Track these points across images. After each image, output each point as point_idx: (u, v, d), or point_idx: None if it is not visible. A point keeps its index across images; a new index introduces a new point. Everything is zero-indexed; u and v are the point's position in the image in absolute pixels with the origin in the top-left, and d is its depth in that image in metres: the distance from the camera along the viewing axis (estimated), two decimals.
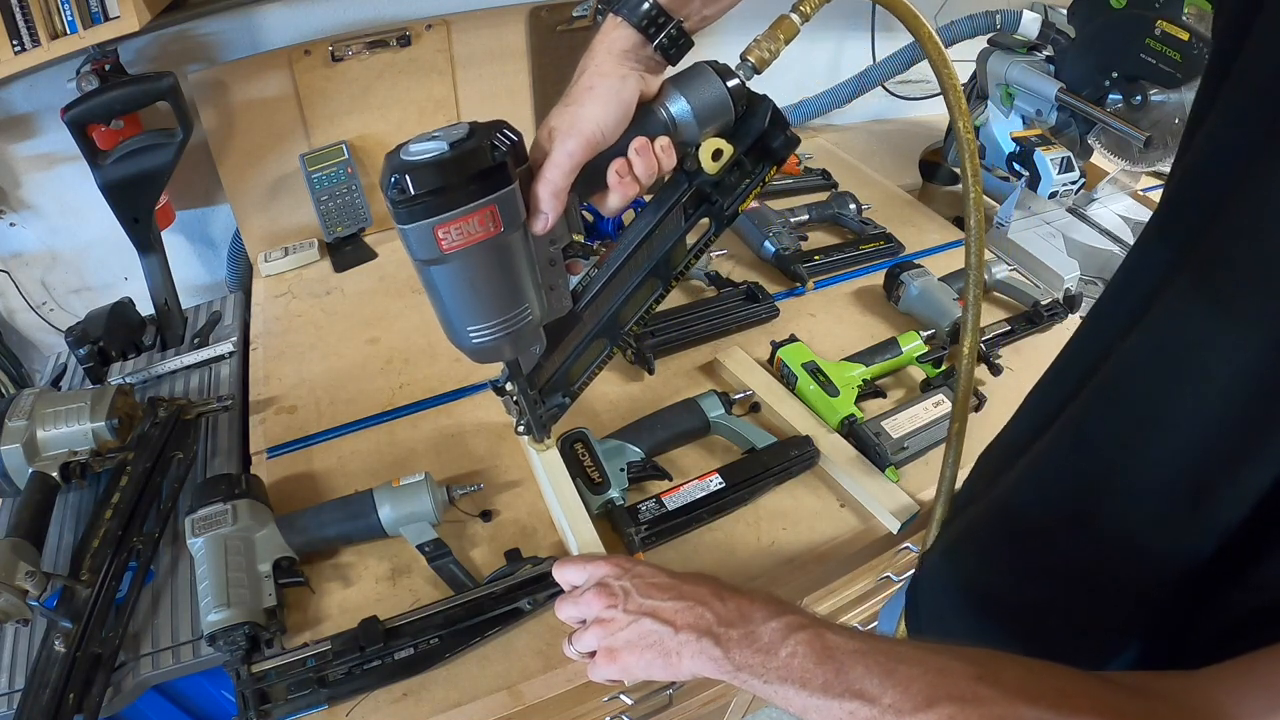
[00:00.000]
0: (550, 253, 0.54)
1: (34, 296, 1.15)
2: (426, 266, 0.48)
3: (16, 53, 0.80)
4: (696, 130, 0.53)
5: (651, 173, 0.52)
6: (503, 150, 0.46)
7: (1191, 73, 1.02)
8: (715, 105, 0.53)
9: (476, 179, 0.45)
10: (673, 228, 0.61)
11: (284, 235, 1.18)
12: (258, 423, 0.91)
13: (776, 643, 0.43)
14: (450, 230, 0.45)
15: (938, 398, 0.89)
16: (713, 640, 0.46)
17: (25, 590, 0.63)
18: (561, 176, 0.50)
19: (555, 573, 0.58)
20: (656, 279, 0.64)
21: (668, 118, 0.53)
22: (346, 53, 1.07)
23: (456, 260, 0.47)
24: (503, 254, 0.49)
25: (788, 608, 0.46)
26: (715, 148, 0.54)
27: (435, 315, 0.53)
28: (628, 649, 0.49)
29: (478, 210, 0.46)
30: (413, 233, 0.46)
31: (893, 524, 0.79)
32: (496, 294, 0.51)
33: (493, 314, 0.52)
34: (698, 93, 0.53)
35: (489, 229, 0.47)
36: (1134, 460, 0.42)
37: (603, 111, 0.50)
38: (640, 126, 0.52)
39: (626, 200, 0.53)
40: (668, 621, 0.48)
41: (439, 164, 0.44)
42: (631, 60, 0.51)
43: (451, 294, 0.50)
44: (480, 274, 0.49)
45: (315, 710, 0.63)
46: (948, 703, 0.36)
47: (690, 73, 0.53)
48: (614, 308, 0.63)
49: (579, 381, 0.68)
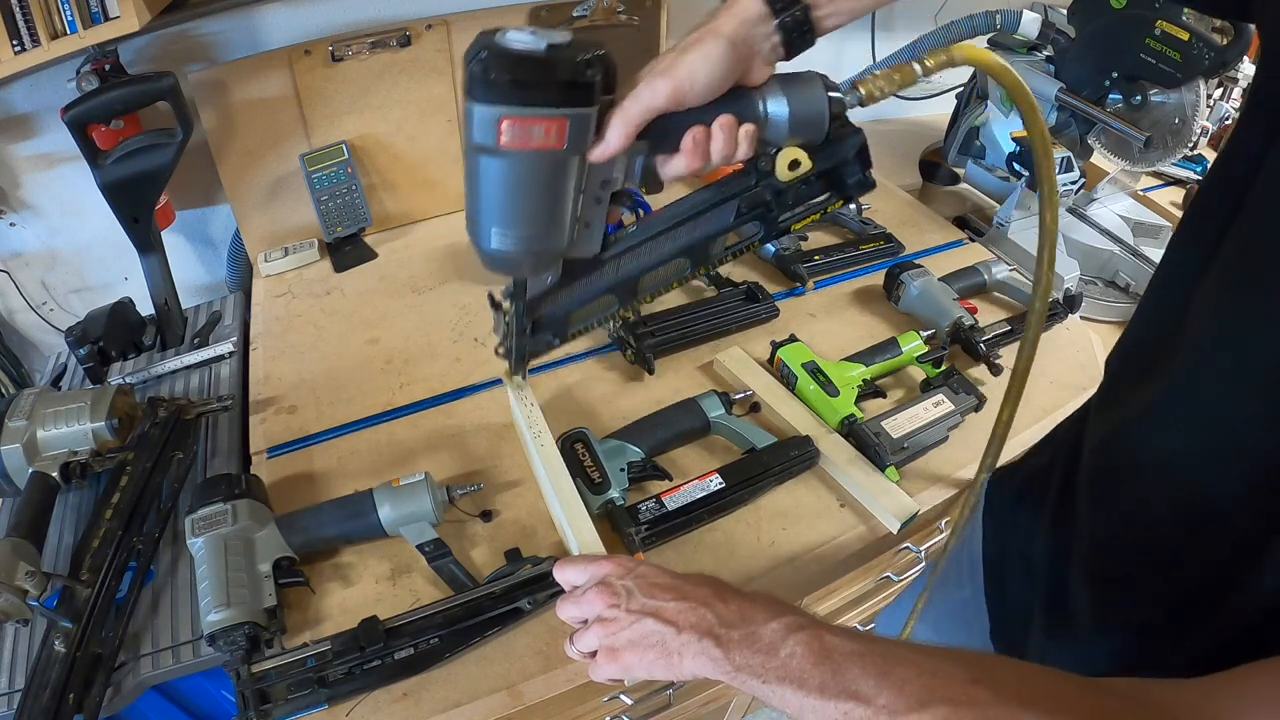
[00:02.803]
0: (599, 191, 0.52)
1: (34, 296, 1.15)
2: (477, 154, 0.46)
3: (16, 53, 0.80)
4: (784, 134, 0.52)
5: (726, 154, 0.51)
6: (594, 72, 0.44)
7: (1191, 73, 1.02)
8: (812, 116, 0.52)
9: (560, 88, 0.44)
10: (722, 217, 0.60)
11: (284, 235, 1.18)
12: (258, 423, 0.91)
13: (776, 643, 0.44)
14: (515, 126, 0.44)
15: (938, 398, 0.89)
16: (714, 641, 0.46)
17: (25, 590, 0.63)
18: (639, 111, 0.48)
19: (556, 573, 0.58)
20: (687, 260, 0.61)
21: (762, 109, 0.51)
22: (346, 53, 1.07)
23: (509, 159, 0.46)
24: (555, 171, 0.48)
25: (789, 609, 0.46)
26: (794, 157, 0.54)
27: (465, 203, 0.51)
28: (629, 648, 0.49)
29: (548, 119, 0.44)
30: (478, 114, 0.44)
31: (893, 524, 0.79)
32: (534, 208, 0.49)
33: (522, 225, 0.50)
34: (800, 98, 0.52)
35: (552, 141, 0.45)
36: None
37: (701, 65, 0.48)
38: (732, 105, 0.50)
39: (689, 170, 0.52)
40: (670, 622, 0.48)
41: (529, 58, 0.43)
42: (750, 31, 0.49)
43: (490, 189, 0.48)
44: (526, 182, 0.47)
45: (315, 710, 0.63)
46: (941, 704, 0.36)
47: (799, 76, 0.52)
48: (637, 270, 0.61)
49: (575, 328, 0.65)
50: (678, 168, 0.52)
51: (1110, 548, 0.51)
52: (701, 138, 0.50)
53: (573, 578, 0.57)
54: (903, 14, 1.49)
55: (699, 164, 0.51)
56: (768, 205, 0.58)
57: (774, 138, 0.53)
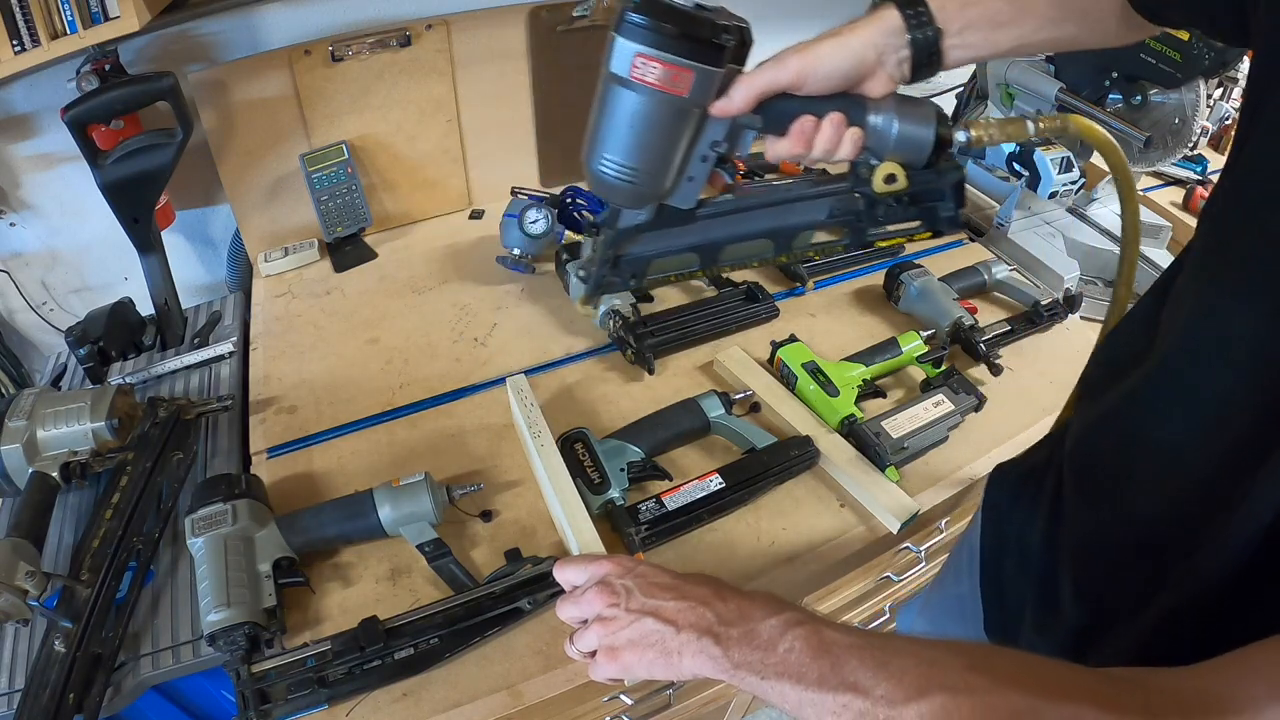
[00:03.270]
0: (707, 150, 0.55)
1: (34, 296, 1.15)
2: (610, 82, 0.51)
3: (16, 53, 0.80)
4: (887, 148, 0.55)
5: (828, 149, 0.54)
6: (729, 39, 0.50)
7: (1191, 73, 1.02)
8: (917, 140, 0.55)
9: (695, 42, 0.49)
10: (814, 212, 0.63)
11: (284, 235, 1.18)
12: (258, 423, 0.91)
13: (775, 639, 0.44)
14: (648, 64, 0.49)
15: (938, 398, 0.89)
16: (713, 639, 0.46)
17: (25, 590, 0.63)
18: (764, 82, 0.52)
19: (556, 573, 0.58)
20: (771, 242, 0.64)
21: (874, 120, 0.54)
22: (346, 53, 1.07)
23: (636, 92, 0.50)
24: (673, 115, 0.52)
25: (787, 606, 0.47)
26: (892, 171, 0.56)
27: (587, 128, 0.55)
28: (629, 648, 0.49)
29: (678, 65, 0.49)
30: (620, 46, 0.49)
31: (893, 524, 0.79)
32: (646, 143, 0.53)
33: (632, 157, 0.54)
34: (911, 120, 0.55)
35: (676, 87, 0.50)
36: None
37: (830, 55, 0.52)
38: (846, 105, 0.54)
39: (791, 154, 0.55)
40: (669, 621, 0.48)
41: (676, 9, 0.48)
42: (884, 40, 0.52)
43: (612, 116, 0.53)
44: (645, 117, 0.52)
45: (315, 710, 0.63)
46: (939, 692, 0.36)
47: (915, 101, 0.55)
48: (724, 237, 0.64)
49: (651, 276, 0.67)
50: (781, 150, 0.55)
51: (1094, 535, 0.52)
52: (810, 127, 0.53)
53: (572, 577, 0.57)
54: None
55: (801, 150, 0.54)
56: (859, 215, 0.61)
57: (877, 149, 0.56)
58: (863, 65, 0.52)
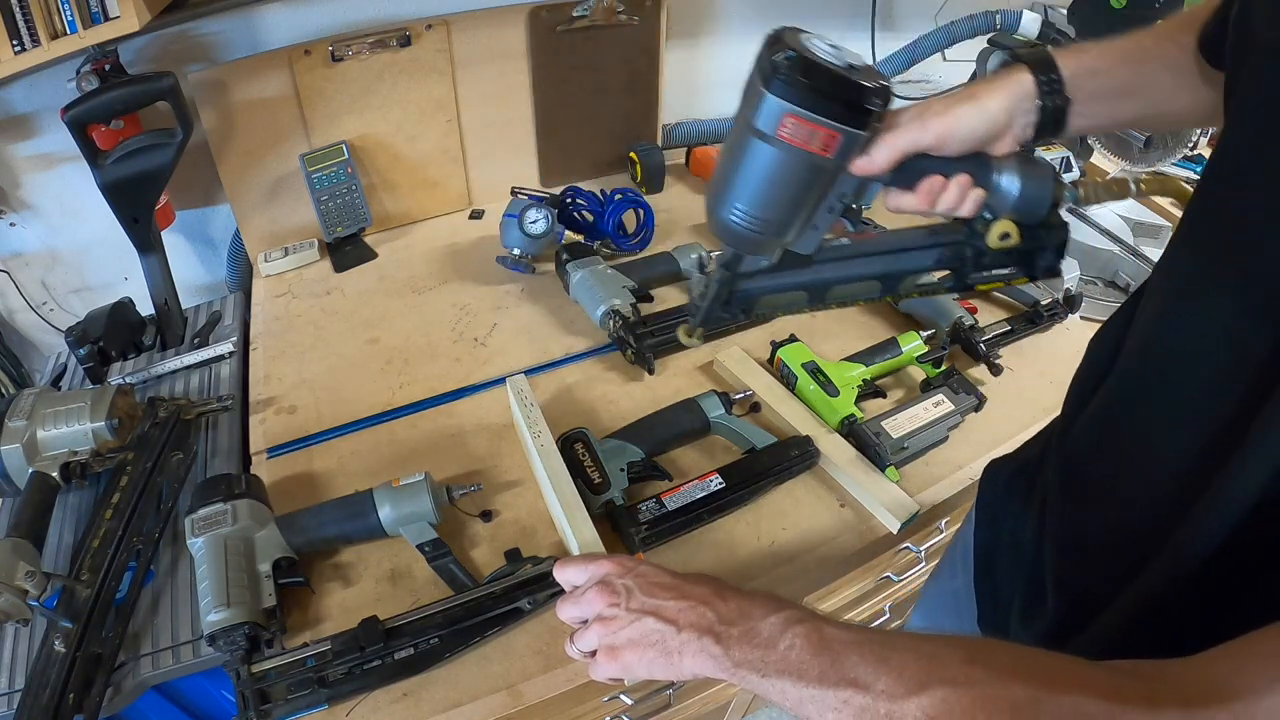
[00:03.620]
0: (835, 201, 0.56)
1: (34, 296, 1.15)
2: (751, 135, 0.51)
3: (16, 53, 0.80)
4: (1006, 207, 0.56)
5: (951, 208, 0.55)
6: (878, 103, 0.49)
7: None
8: (1035, 201, 0.56)
9: (846, 106, 0.49)
10: (923, 259, 0.64)
11: (284, 235, 1.18)
12: (258, 423, 0.91)
13: (775, 636, 0.44)
14: (796, 125, 0.49)
15: (938, 398, 0.89)
16: (714, 639, 0.46)
17: (25, 590, 0.63)
18: (907, 144, 0.52)
19: (556, 573, 0.58)
20: (877, 283, 0.65)
21: (995, 180, 0.55)
22: (346, 53, 1.07)
23: (777, 149, 0.50)
24: (812, 173, 0.52)
25: (787, 604, 0.47)
26: (1007, 230, 0.57)
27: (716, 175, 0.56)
28: (630, 647, 0.49)
29: (827, 128, 0.49)
30: (769, 103, 0.49)
31: (893, 524, 0.79)
32: (778, 197, 0.53)
33: (763, 209, 0.54)
34: (1031, 181, 0.55)
35: (821, 148, 0.50)
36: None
37: (969, 119, 0.53)
38: (973, 167, 0.54)
39: (913, 209, 0.56)
40: (670, 620, 0.48)
41: (832, 74, 0.48)
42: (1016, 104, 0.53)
43: (749, 169, 0.52)
44: (783, 173, 0.51)
45: (315, 710, 0.63)
46: (940, 685, 0.36)
47: (1035, 161, 0.56)
48: (835, 278, 0.65)
49: (761, 310, 0.68)
50: (905, 203, 0.56)
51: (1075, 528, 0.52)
52: (938, 187, 0.54)
53: (572, 577, 0.57)
54: (903, 14, 1.49)
55: (925, 207, 0.55)
56: (964, 261, 0.62)
57: (996, 207, 0.56)
58: (995, 128, 0.53)
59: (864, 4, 1.43)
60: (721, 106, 1.49)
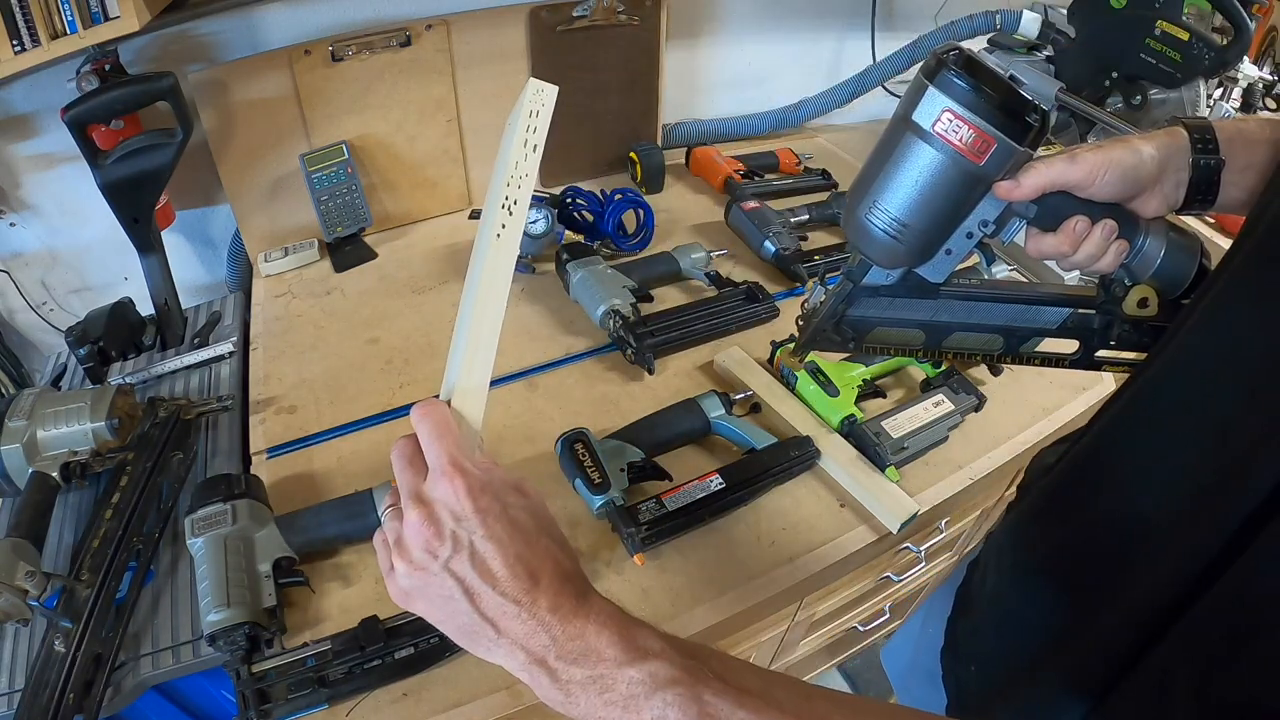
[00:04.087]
0: (975, 227, 0.54)
1: (34, 296, 1.15)
2: (905, 129, 0.50)
3: (16, 53, 0.80)
4: (1147, 271, 0.55)
5: (1091, 254, 0.53)
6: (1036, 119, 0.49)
7: (1191, 73, 1.02)
8: (1180, 270, 0.54)
9: (1006, 113, 0.48)
10: (1050, 317, 0.61)
11: (284, 235, 1.18)
12: (258, 423, 0.91)
13: (638, 698, 0.35)
14: (953, 121, 0.48)
15: (938, 398, 0.89)
16: (547, 674, 0.37)
17: (25, 590, 0.63)
18: (1056, 174, 0.51)
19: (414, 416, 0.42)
20: (1000, 339, 0.63)
21: (1140, 240, 0.54)
22: (346, 53, 1.07)
23: (930, 144, 0.49)
24: (961, 182, 0.51)
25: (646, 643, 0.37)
26: (1147, 295, 0.55)
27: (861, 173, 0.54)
28: (426, 604, 0.40)
29: (984, 131, 0.48)
30: (930, 96, 0.48)
31: (893, 524, 0.79)
32: (925, 203, 0.52)
33: (907, 213, 0.52)
34: (1178, 246, 0.54)
35: (973, 151, 0.49)
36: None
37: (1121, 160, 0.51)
38: (1120, 216, 0.53)
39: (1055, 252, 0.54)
40: (487, 618, 0.38)
41: (996, 77, 0.48)
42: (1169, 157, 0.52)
43: (899, 167, 0.51)
44: (934, 175, 0.50)
45: (315, 710, 0.63)
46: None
47: (1185, 233, 0.55)
48: (957, 321, 0.62)
49: (872, 343, 0.64)
50: (1046, 245, 0.54)
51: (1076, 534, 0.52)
52: (1082, 229, 0.53)
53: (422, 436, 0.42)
54: (903, 14, 1.49)
55: (1067, 249, 0.53)
56: (1093, 332, 0.60)
57: (1137, 270, 0.55)
58: (1146, 177, 0.52)
59: (864, 4, 1.43)
60: (721, 106, 1.49)
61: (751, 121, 1.46)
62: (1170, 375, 0.47)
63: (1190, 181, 0.52)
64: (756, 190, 1.27)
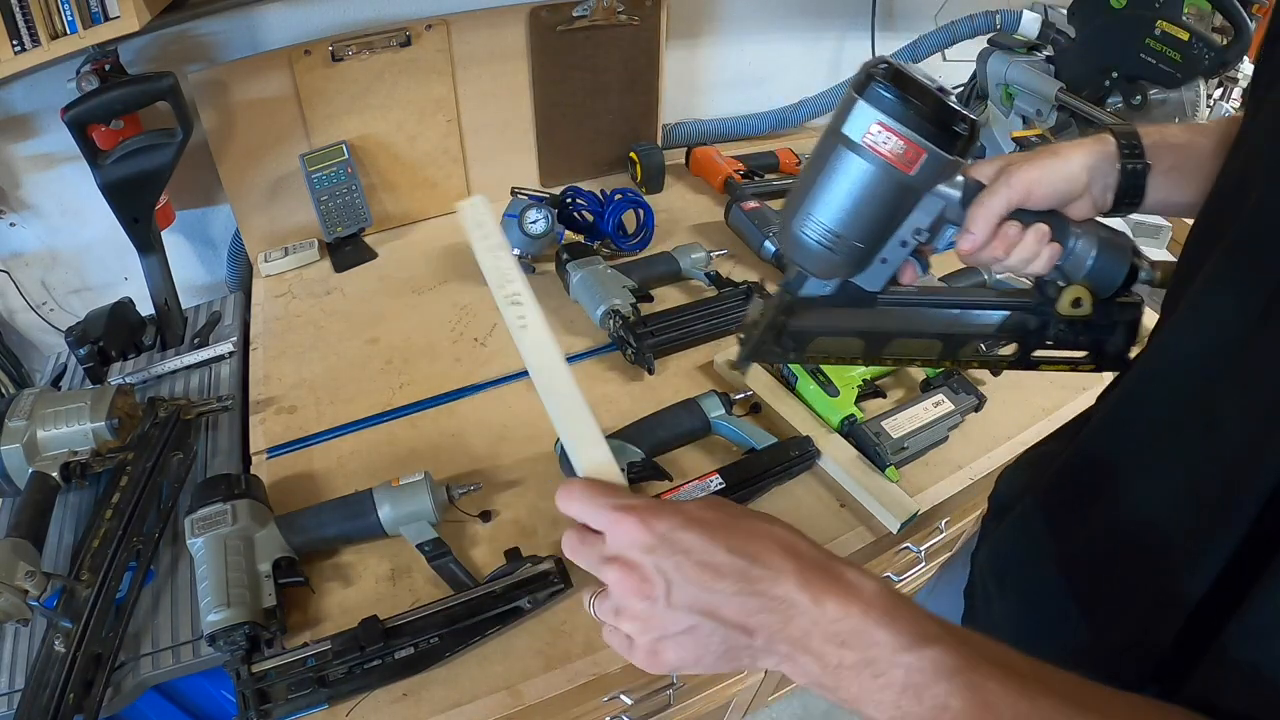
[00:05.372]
0: (909, 236, 0.54)
1: (34, 296, 1.15)
2: (836, 142, 0.50)
3: (16, 53, 0.80)
4: (1079, 273, 0.55)
5: (1025, 260, 0.54)
6: (965, 128, 0.49)
7: (1191, 73, 1.02)
8: (1111, 270, 0.55)
9: (934, 124, 0.48)
10: (988, 320, 0.61)
11: (284, 235, 1.18)
12: (258, 423, 0.91)
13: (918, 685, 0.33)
14: (882, 134, 0.48)
15: (938, 398, 0.89)
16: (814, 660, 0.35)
17: (25, 590, 0.63)
18: (1000, 206, 0.52)
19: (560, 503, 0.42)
20: (939, 343, 0.63)
21: (1074, 244, 0.54)
22: (346, 53, 1.07)
23: (861, 156, 0.50)
24: (890, 188, 0.51)
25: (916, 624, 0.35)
26: (1080, 296, 0.56)
27: (795, 187, 0.54)
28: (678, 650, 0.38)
29: (914, 141, 0.49)
30: (860, 109, 0.49)
31: (893, 524, 0.79)
32: (858, 214, 0.52)
33: (837, 223, 0.52)
34: (1109, 249, 0.54)
35: (904, 161, 0.49)
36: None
37: (1052, 171, 0.52)
38: (1052, 220, 0.54)
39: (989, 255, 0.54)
40: (737, 626, 0.36)
41: (922, 87, 0.48)
42: (1099, 164, 0.53)
43: (831, 179, 0.51)
44: (866, 187, 0.51)
45: (315, 710, 0.63)
46: None
47: (1115, 234, 0.55)
48: (896, 328, 0.62)
49: (812, 353, 0.63)
50: (981, 251, 0.54)
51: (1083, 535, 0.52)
52: (1015, 233, 0.53)
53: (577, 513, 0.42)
54: (903, 14, 1.49)
55: (1000, 253, 0.54)
56: (1030, 333, 0.60)
57: (1070, 271, 0.56)
58: (1076, 185, 0.53)
59: (864, 4, 1.43)
60: (721, 106, 1.49)
61: (751, 121, 1.46)
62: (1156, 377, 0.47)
63: (1118, 186, 0.53)
64: (756, 190, 1.27)
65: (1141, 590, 0.45)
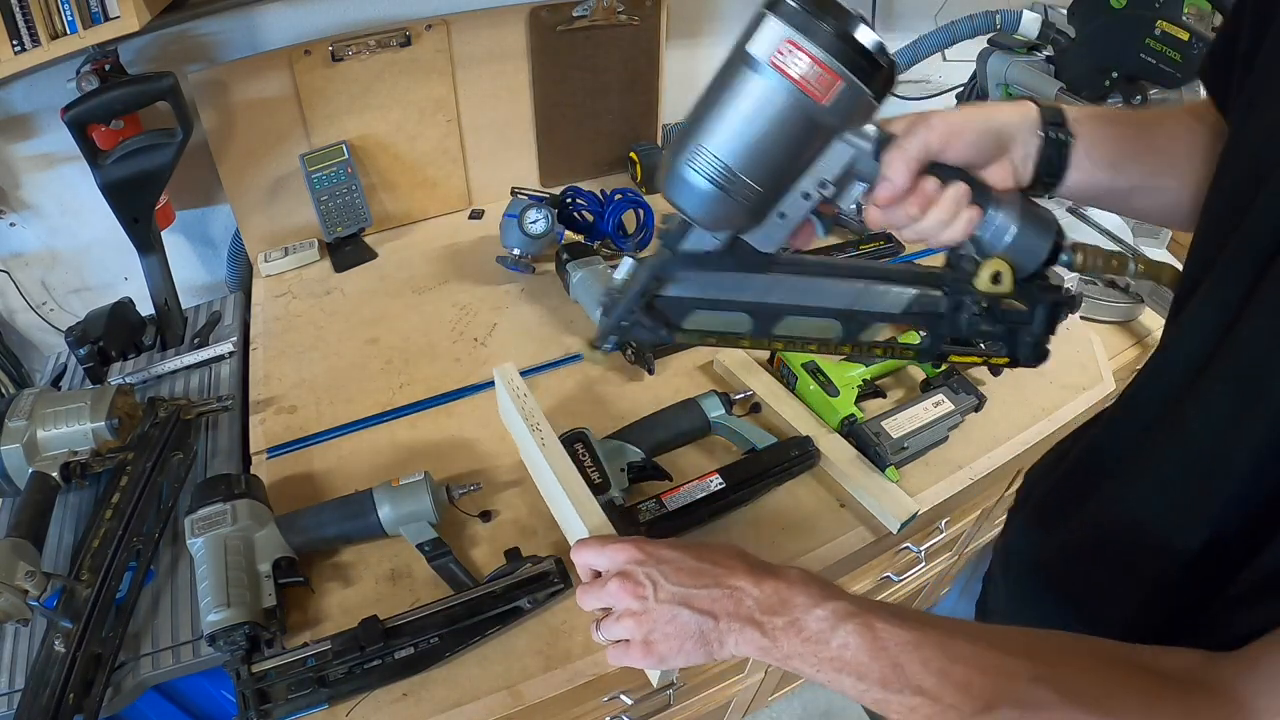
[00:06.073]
0: (812, 188, 0.48)
1: (34, 296, 1.15)
2: (741, 63, 0.43)
3: (16, 53, 0.80)
4: (998, 246, 0.50)
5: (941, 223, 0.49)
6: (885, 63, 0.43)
7: (1191, 73, 1.02)
8: (1033, 246, 0.50)
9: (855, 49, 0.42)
10: (894, 301, 0.55)
11: (284, 235, 1.18)
12: (258, 423, 0.91)
13: (825, 632, 0.44)
14: (795, 53, 0.41)
15: (938, 398, 0.89)
16: (757, 629, 0.46)
17: (25, 590, 0.63)
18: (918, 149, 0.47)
19: (574, 556, 0.57)
20: (837, 323, 0.55)
21: (994, 211, 0.49)
22: (346, 53, 1.07)
23: (765, 80, 0.43)
24: (798, 119, 0.44)
25: (824, 590, 0.46)
26: (999, 270, 0.50)
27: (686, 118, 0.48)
28: (665, 640, 0.49)
29: (829, 66, 0.42)
30: (769, 25, 0.42)
31: (893, 524, 0.79)
32: (757, 147, 0.45)
33: (731, 155, 0.45)
34: (1032, 222, 0.50)
35: (816, 88, 0.42)
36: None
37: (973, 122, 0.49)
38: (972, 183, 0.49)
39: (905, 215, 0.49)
40: (705, 611, 0.48)
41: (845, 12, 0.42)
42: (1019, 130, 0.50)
43: (729, 103, 0.44)
44: (770, 113, 0.44)
45: (315, 710, 0.63)
46: (1007, 707, 0.37)
47: (1040, 211, 0.51)
48: (788, 303, 0.54)
49: (690, 329, 0.55)
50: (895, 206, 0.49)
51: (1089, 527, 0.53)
52: (933, 189, 0.48)
53: (590, 560, 0.55)
54: (903, 14, 1.49)
55: (916, 210, 0.48)
56: (941, 318, 0.54)
57: (988, 243, 0.50)
58: (997, 144, 0.50)
59: (864, 4, 1.43)
60: None
61: None
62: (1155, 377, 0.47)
63: (1040, 154, 0.50)
64: None
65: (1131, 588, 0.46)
